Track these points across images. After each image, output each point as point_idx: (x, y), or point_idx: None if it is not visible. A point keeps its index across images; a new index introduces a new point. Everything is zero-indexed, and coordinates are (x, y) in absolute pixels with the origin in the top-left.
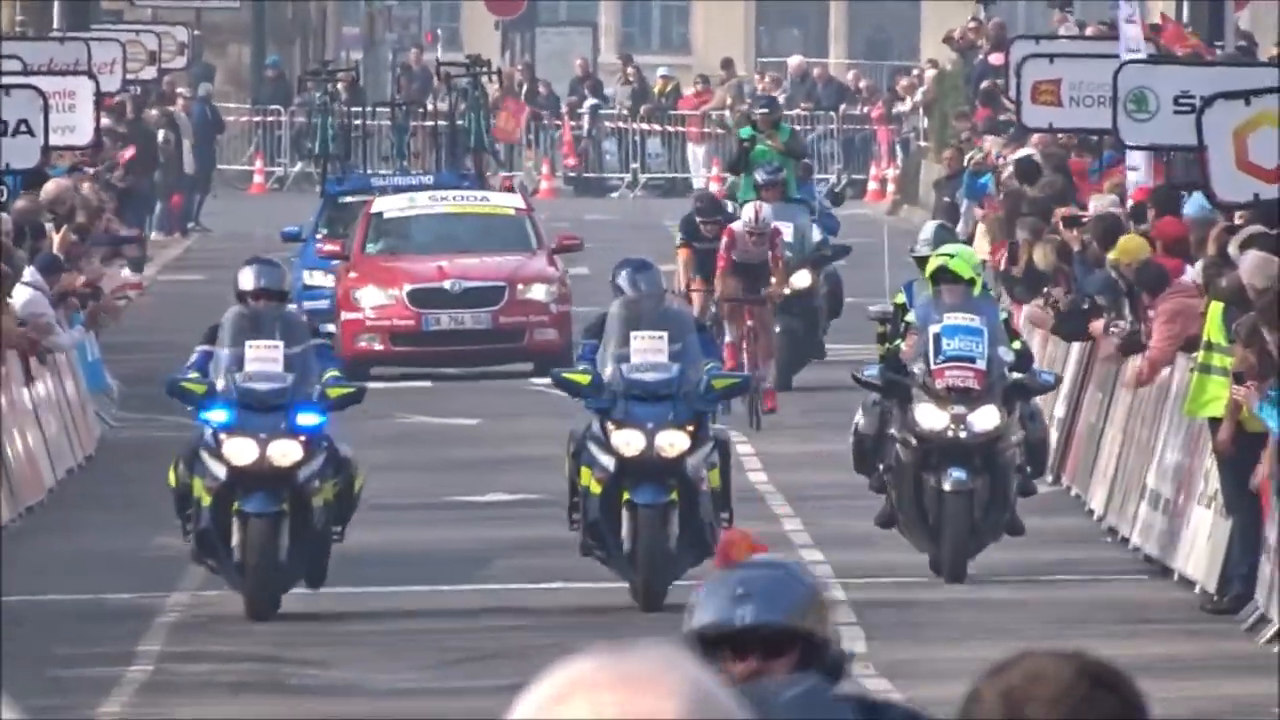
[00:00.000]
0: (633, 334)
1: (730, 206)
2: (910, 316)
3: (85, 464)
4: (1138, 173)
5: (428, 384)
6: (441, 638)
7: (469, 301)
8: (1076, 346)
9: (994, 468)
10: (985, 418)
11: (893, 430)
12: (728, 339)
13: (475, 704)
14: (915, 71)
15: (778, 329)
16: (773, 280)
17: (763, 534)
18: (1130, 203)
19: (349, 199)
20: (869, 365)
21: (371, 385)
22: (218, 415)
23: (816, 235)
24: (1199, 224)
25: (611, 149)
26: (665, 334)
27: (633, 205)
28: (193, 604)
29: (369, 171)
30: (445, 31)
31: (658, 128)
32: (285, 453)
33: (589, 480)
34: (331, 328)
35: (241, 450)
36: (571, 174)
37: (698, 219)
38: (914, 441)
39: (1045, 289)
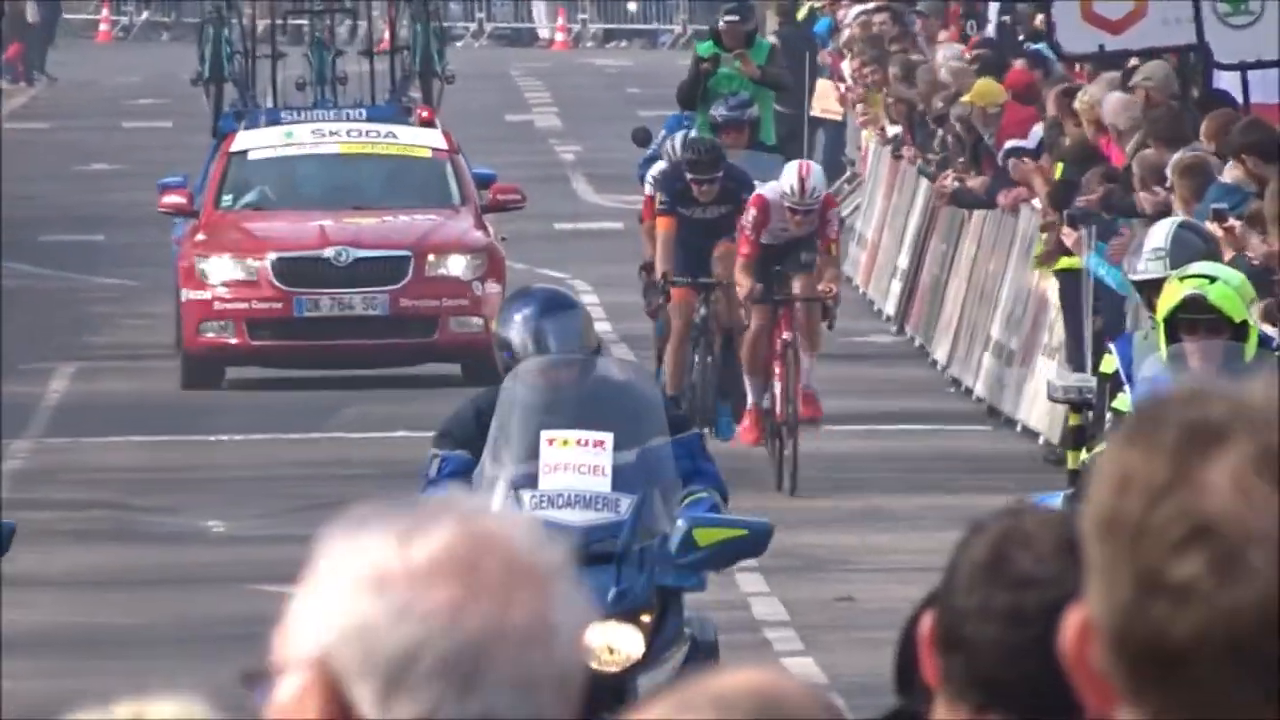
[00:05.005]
0: (544, 434)
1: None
2: (1127, 399)
3: None
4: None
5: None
6: (287, 485)
7: (360, 278)
8: (921, 197)
9: None
10: None
11: None
12: (749, 401)
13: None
14: None
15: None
16: (826, 272)
17: None
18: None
19: None
20: (1047, 494)
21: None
22: None
23: None
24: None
25: None
26: (608, 436)
27: (478, 55)
28: (36, 450)
29: (279, 104)
30: None
31: None
32: None
33: None
34: None
35: None
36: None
37: (689, 175)
38: None
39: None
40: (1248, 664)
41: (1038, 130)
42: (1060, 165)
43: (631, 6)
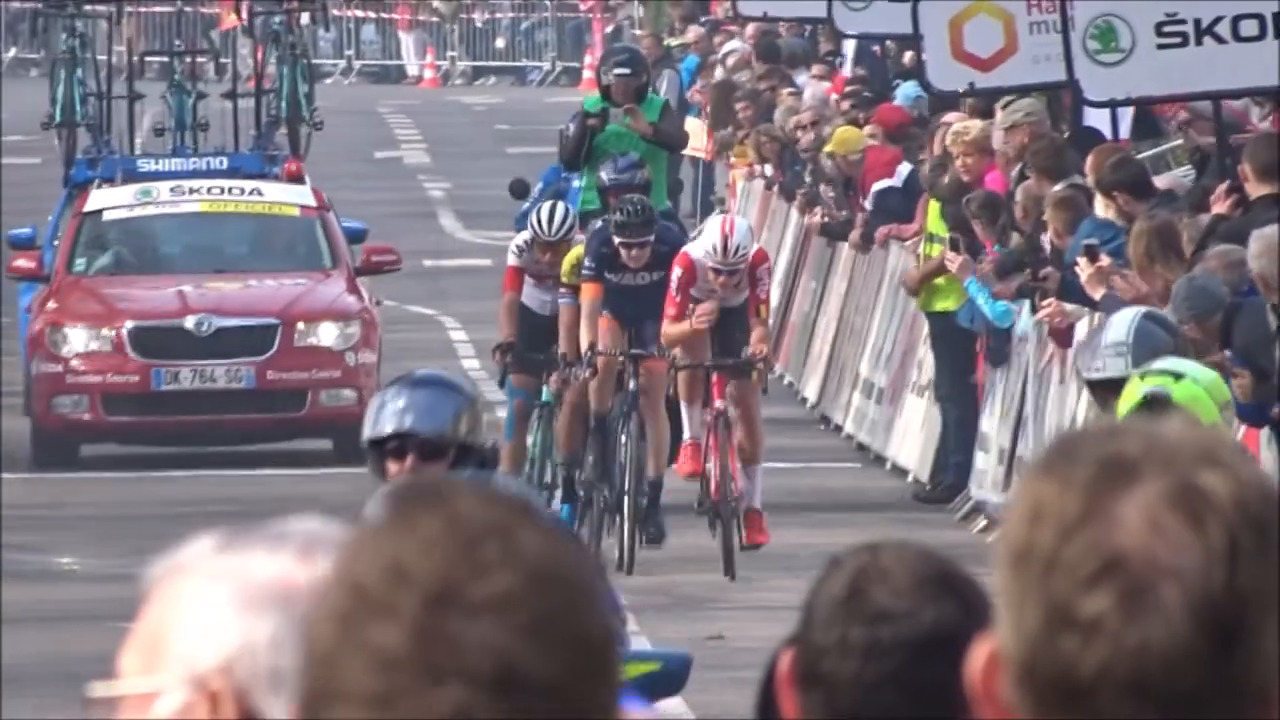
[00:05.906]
0: None
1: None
2: None
3: None
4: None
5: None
6: (148, 524)
7: (223, 348)
8: (791, 232)
9: None
10: None
11: None
12: (686, 435)
13: None
14: None
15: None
16: (754, 333)
17: None
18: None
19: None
20: None
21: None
22: None
23: None
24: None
25: (326, 35)
26: None
27: (347, 92)
28: None
29: (135, 150)
30: None
31: (372, 15)
32: None
33: None
34: None
35: None
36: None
37: (617, 239)
38: None
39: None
40: (1154, 700)
41: (903, 169)
42: (938, 205)
43: (499, 43)
